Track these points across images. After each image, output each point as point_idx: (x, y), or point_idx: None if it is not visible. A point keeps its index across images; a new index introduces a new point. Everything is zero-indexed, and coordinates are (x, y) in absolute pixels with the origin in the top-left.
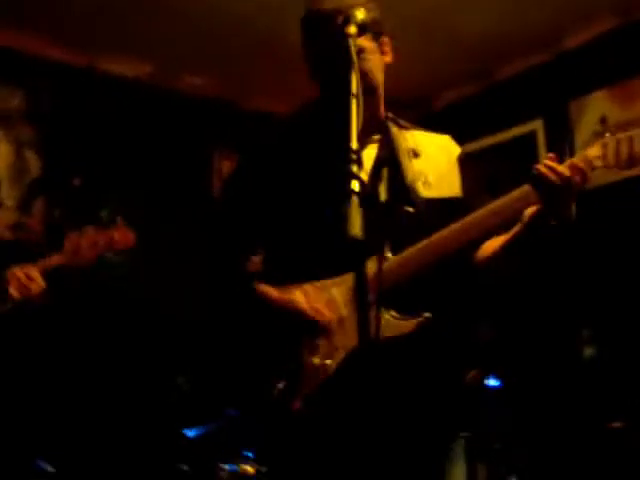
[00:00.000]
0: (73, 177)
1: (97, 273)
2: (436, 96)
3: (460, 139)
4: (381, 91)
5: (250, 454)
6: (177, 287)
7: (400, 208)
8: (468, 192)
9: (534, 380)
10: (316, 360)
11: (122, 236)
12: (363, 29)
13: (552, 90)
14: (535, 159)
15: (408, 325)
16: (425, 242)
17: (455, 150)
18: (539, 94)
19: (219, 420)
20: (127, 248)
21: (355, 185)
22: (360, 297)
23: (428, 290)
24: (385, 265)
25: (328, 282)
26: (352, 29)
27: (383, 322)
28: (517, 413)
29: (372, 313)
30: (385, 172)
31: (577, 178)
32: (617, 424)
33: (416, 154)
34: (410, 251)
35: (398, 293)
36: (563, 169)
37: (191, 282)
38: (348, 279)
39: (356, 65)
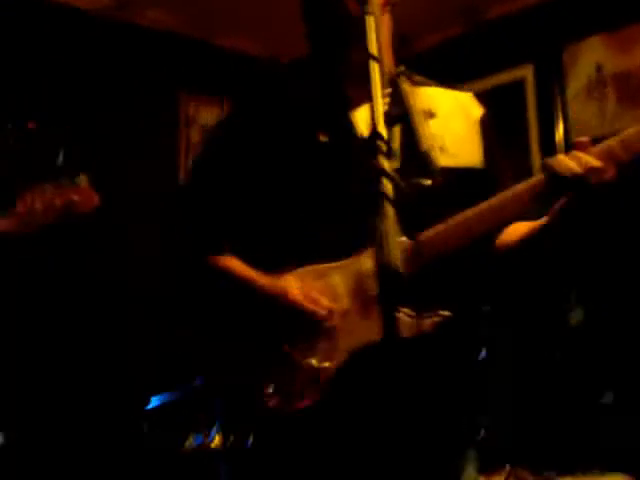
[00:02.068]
0: (28, 120)
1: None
2: (419, 36)
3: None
4: (389, 41)
5: (217, 425)
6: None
7: (415, 180)
8: (489, 161)
9: (520, 350)
10: (312, 361)
11: (84, 198)
12: None
13: (545, 33)
14: (523, 108)
15: (424, 325)
16: (441, 226)
17: (477, 111)
18: (531, 37)
19: (186, 388)
20: (89, 211)
21: (388, 187)
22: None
23: (444, 282)
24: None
25: (328, 266)
26: None
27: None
28: (502, 387)
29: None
30: (396, 133)
31: (609, 174)
32: (607, 400)
33: (431, 114)
34: (426, 235)
35: (411, 285)
36: (589, 159)
37: (155, 246)
38: (354, 263)
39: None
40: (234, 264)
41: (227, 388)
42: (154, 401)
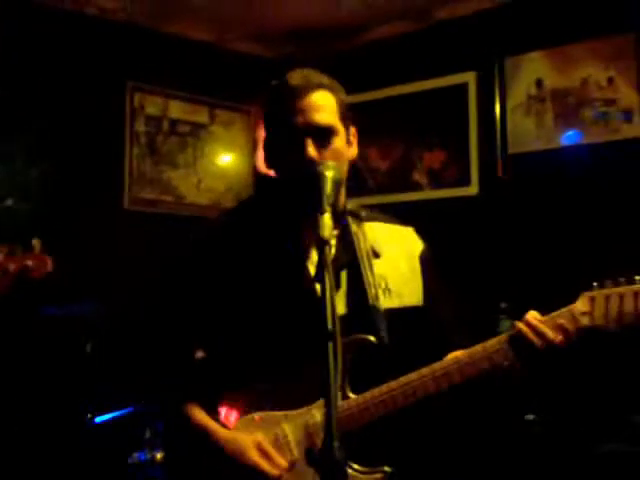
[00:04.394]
0: None
1: None
2: (369, 28)
3: (384, 80)
4: (343, 184)
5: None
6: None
7: (360, 337)
8: (429, 298)
9: None
10: None
11: (38, 263)
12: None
13: (489, 42)
14: (465, 114)
15: None
16: (391, 385)
17: (417, 246)
18: (476, 44)
19: (129, 406)
20: (43, 276)
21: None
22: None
23: (390, 437)
24: (344, 406)
25: (279, 414)
26: (326, 220)
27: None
28: None
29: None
30: (343, 279)
31: (560, 338)
32: (530, 417)
33: (376, 254)
34: (373, 393)
35: (356, 439)
36: (545, 329)
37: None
38: (304, 414)
39: (329, 270)
40: (197, 414)
41: None
42: (101, 417)
